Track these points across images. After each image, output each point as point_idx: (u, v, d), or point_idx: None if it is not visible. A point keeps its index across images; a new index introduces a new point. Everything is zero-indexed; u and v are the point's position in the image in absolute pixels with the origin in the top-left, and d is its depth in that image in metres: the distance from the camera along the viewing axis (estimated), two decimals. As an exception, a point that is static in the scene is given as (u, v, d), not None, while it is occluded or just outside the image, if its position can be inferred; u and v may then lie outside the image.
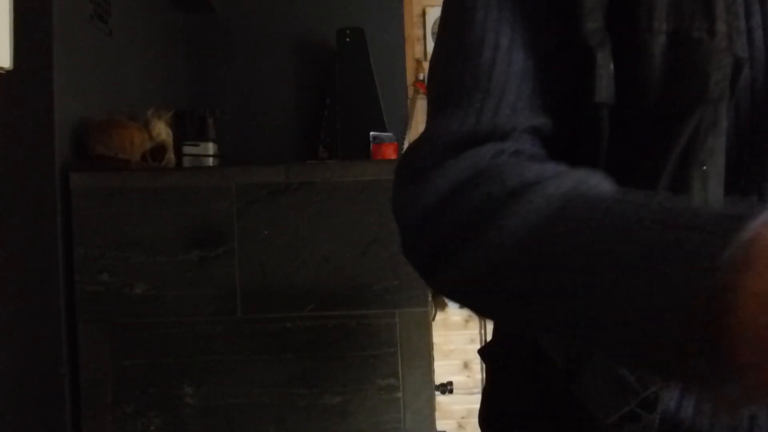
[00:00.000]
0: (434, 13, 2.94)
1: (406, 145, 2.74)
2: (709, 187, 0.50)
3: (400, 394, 1.54)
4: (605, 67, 0.52)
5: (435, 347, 2.76)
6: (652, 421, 0.51)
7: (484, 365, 0.77)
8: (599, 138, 0.53)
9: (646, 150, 0.52)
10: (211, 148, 2.30)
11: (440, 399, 2.80)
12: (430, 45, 2.93)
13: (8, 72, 1.31)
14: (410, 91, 2.88)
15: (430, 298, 1.65)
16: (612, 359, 0.51)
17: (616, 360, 0.50)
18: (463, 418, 2.92)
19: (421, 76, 2.91)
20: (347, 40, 2.32)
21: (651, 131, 0.52)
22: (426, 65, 2.92)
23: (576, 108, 0.54)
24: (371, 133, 2.07)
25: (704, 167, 0.50)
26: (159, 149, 1.84)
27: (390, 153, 1.99)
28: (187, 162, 2.23)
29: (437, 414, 1.74)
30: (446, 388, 2.34)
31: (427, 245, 0.53)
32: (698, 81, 0.50)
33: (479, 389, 2.92)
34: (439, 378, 2.22)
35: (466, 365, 2.97)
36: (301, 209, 1.55)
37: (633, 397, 0.51)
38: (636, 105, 0.52)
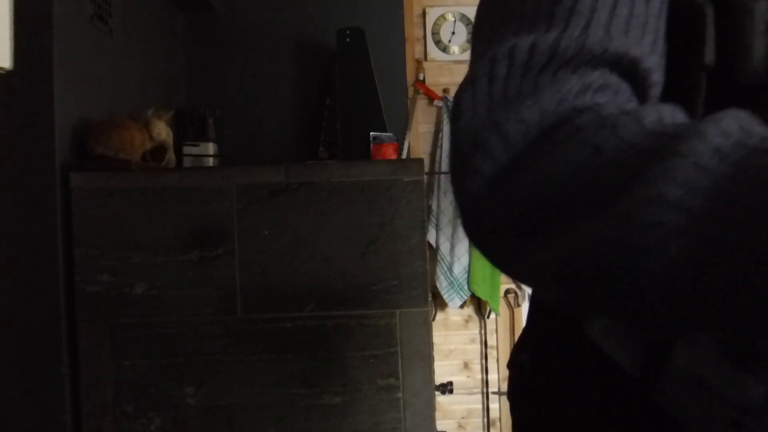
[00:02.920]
0: (434, 13, 2.93)
1: (406, 146, 2.74)
2: None
3: (400, 394, 1.54)
4: (710, 27, 0.48)
5: (435, 347, 2.76)
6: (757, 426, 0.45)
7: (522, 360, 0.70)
8: (695, 105, 0.48)
9: None
10: (211, 148, 2.30)
11: (440, 399, 2.80)
12: (430, 45, 2.93)
13: (8, 72, 1.31)
14: (410, 91, 2.88)
15: (430, 298, 1.65)
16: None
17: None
18: (463, 418, 2.92)
19: (420, 76, 2.91)
20: (347, 40, 2.32)
21: (752, 99, 0.46)
22: (426, 65, 2.92)
23: (668, 72, 0.49)
24: (371, 133, 2.07)
25: None
26: (159, 149, 1.83)
27: (390, 153, 1.99)
28: (187, 162, 2.23)
29: (437, 414, 1.74)
30: (446, 388, 2.35)
31: (521, 205, 0.40)
32: None
33: (479, 389, 2.92)
34: (439, 378, 2.23)
35: (466, 365, 2.96)
36: (301, 209, 1.55)
37: (731, 403, 0.45)
38: (734, 71, 0.48)
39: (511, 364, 0.72)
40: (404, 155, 2.67)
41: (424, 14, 2.94)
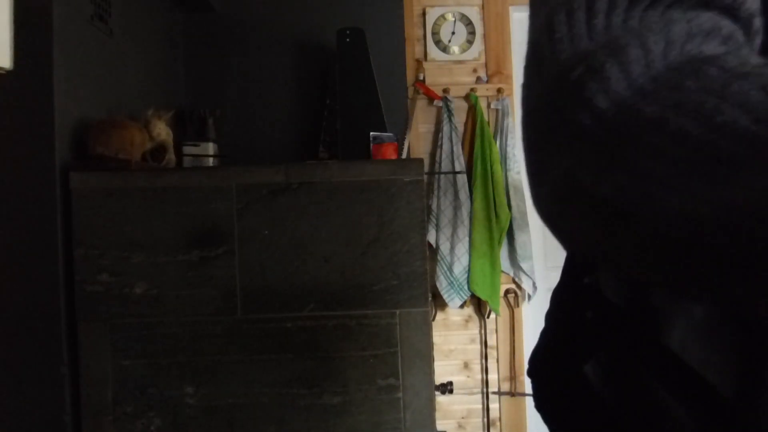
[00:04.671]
0: (434, 13, 2.93)
1: (406, 146, 2.75)
2: None
3: (400, 394, 1.54)
4: None
5: (435, 347, 2.76)
6: None
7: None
8: None
9: None
10: (211, 148, 2.30)
11: (440, 399, 2.80)
12: (430, 45, 2.93)
13: (8, 72, 1.31)
14: (410, 91, 2.88)
15: (430, 298, 1.65)
16: None
17: None
18: (463, 418, 2.92)
19: (420, 76, 2.91)
20: (347, 40, 2.32)
21: None
22: (426, 65, 2.92)
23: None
24: (371, 133, 2.07)
25: None
26: (159, 149, 1.84)
27: (390, 153, 1.99)
28: (187, 162, 2.23)
29: (437, 414, 1.74)
30: (446, 388, 2.34)
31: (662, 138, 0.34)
32: None
33: (479, 389, 2.92)
34: (439, 378, 2.23)
35: (466, 365, 2.96)
36: (301, 209, 1.55)
37: None
38: None
39: (546, 374, 0.64)
40: (404, 155, 2.67)
41: (424, 14, 2.94)
